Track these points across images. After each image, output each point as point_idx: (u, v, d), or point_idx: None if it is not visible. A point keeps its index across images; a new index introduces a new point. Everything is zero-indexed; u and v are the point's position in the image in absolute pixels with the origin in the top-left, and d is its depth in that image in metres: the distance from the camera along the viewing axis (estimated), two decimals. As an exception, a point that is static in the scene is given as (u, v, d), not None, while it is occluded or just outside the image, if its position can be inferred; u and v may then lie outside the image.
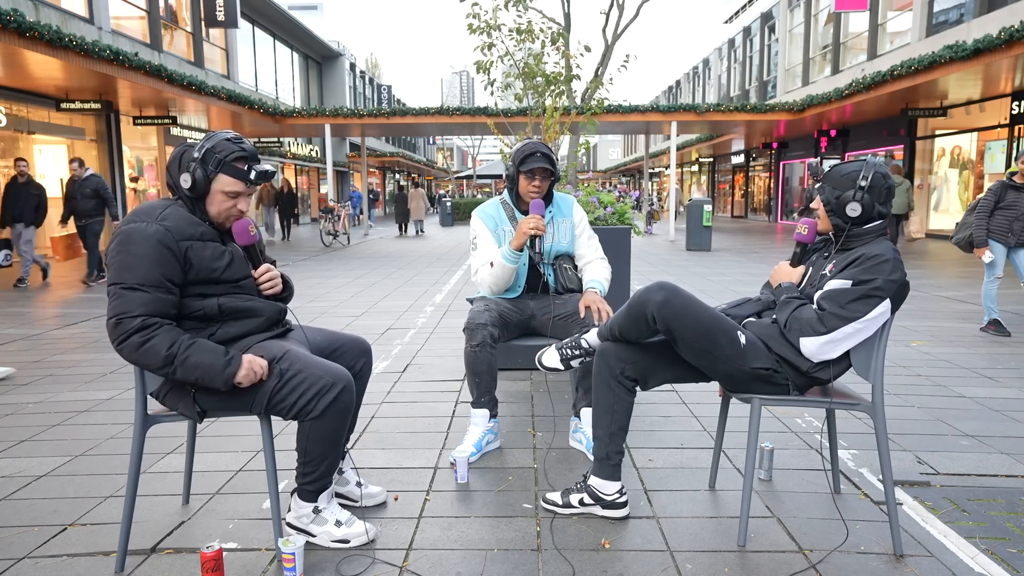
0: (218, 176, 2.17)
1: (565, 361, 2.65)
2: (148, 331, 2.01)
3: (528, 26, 6.69)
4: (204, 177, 2.15)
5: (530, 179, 3.17)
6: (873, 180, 2.27)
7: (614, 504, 2.51)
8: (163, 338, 2.02)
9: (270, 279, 2.34)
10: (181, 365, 2.03)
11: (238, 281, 2.23)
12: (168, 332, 2.04)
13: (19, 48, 9.78)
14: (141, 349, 2.01)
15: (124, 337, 2.01)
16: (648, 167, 25.87)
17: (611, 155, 76.35)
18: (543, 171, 3.15)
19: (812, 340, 2.26)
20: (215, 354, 2.07)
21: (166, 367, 2.04)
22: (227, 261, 2.20)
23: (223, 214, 2.23)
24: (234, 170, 2.17)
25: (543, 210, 3.12)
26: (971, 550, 2.31)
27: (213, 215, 2.22)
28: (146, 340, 2.01)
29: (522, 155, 3.16)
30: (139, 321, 2.01)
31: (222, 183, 2.18)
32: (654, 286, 2.32)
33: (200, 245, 2.15)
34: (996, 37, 10.88)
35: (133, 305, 2.01)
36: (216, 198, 2.19)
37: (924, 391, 4.18)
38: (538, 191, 3.19)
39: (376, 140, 37.33)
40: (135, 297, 2.02)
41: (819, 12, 23.19)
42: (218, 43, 20.95)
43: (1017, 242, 5.72)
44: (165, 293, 2.06)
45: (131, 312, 2.01)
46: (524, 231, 3.02)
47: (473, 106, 19.93)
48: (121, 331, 2.01)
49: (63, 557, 2.29)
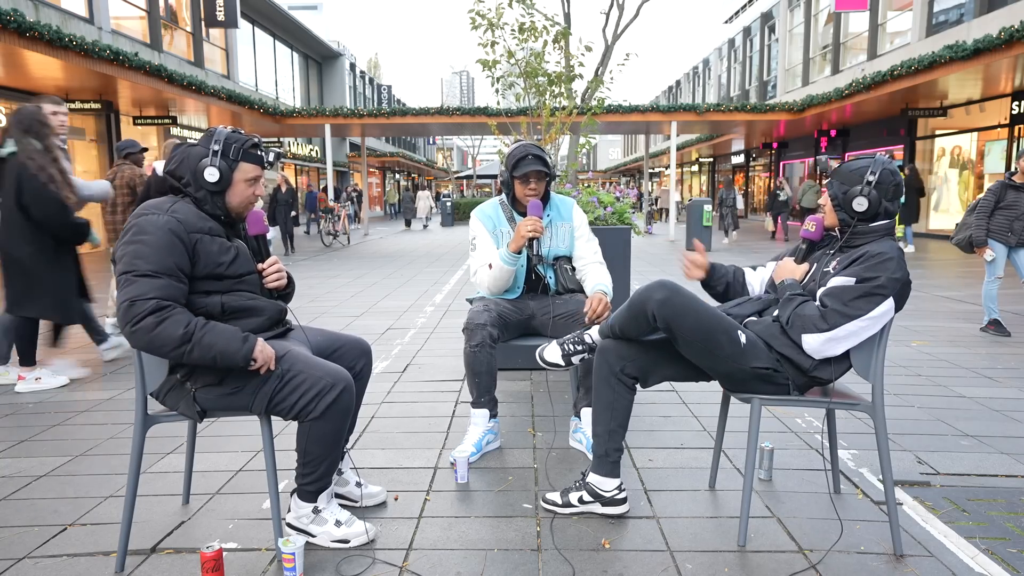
0: (240, 165, 2.22)
1: (566, 357, 2.65)
2: (162, 312, 2.00)
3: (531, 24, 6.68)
4: (228, 167, 2.19)
5: (524, 183, 3.17)
6: (881, 176, 2.27)
7: (613, 500, 2.51)
8: (177, 319, 2.02)
9: (276, 271, 2.36)
10: (198, 344, 2.02)
11: (242, 277, 2.23)
12: (182, 314, 2.04)
13: (19, 48, 9.78)
14: (156, 330, 2.00)
15: (138, 319, 1.99)
16: (648, 167, 25.86)
17: (611, 155, 76.37)
18: (536, 173, 3.14)
19: (814, 337, 2.26)
20: (231, 332, 2.08)
21: (182, 346, 2.02)
22: (232, 256, 2.21)
23: (244, 202, 2.27)
24: (253, 156, 2.24)
25: (541, 211, 3.11)
26: (971, 550, 2.31)
27: (234, 205, 2.25)
28: (161, 321, 2.00)
29: (514, 159, 3.14)
30: (153, 303, 2.00)
31: (244, 171, 2.23)
32: (655, 284, 2.32)
33: (208, 239, 2.16)
34: (996, 37, 10.88)
35: (146, 288, 2.01)
36: (238, 187, 2.24)
37: (924, 391, 4.18)
38: (534, 193, 3.18)
39: (376, 140, 37.35)
40: (147, 282, 2.02)
41: (819, 12, 23.19)
42: (218, 43, 20.95)
43: (1018, 242, 5.72)
44: (177, 282, 2.07)
45: (144, 295, 2.00)
46: (522, 234, 3.02)
47: (473, 106, 19.93)
48: (134, 313, 1.99)
49: (63, 557, 2.29)
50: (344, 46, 34.48)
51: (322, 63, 33.11)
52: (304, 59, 30.51)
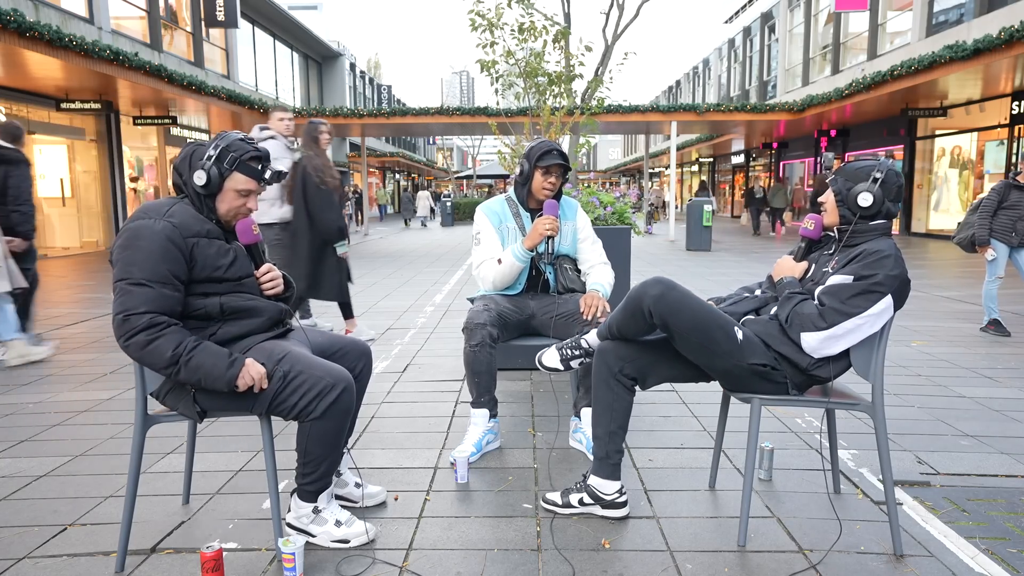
0: (233, 174, 2.19)
1: (565, 361, 2.65)
2: (155, 330, 2.01)
3: (530, 24, 6.68)
4: (219, 175, 2.17)
5: (546, 175, 3.21)
6: (887, 176, 2.29)
7: (614, 504, 2.51)
8: (170, 339, 2.03)
9: (271, 279, 2.35)
10: (185, 366, 2.04)
11: (240, 280, 2.23)
12: (175, 333, 2.05)
13: (19, 48, 9.78)
14: (147, 348, 2.02)
15: (131, 334, 2.01)
16: (648, 167, 25.87)
17: (611, 155, 76.37)
18: (560, 168, 3.20)
19: (813, 335, 2.26)
20: (218, 356, 2.08)
21: (170, 367, 2.04)
22: (231, 259, 2.21)
23: (232, 211, 2.24)
24: (249, 169, 2.21)
25: (557, 211, 3.15)
26: (971, 550, 2.31)
27: (222, 213, 2.23)
28: (153, 339, 2.01)
29: (539, 152, 3.20)
30: (147, 319, 2.01)
31: (236, 181, 2.20)
32: (650, 281, 2.33)
33: (206, 243, 2.16)
34: (996, 37, 10.88)
35: (139, 301, 2.01)
36: (228, 196, 2.22)
37: (924, 391, 4.18)
38: (552, 188, 3.24)
39: (376, 140, 37.32)
40: (141, 293, 2.02)
41: (819, 12, 23.19)
42: (218, 43, 20.94)
43: (1020, 242, 5.72)
44: (172, 290, 2.07)
45: (138, 309, 2.01)
46: (540, 232, 3.07)
47: (473, 106, 19.93)
48: (128, 328, 2.01)
49: (63, 557, 2.29)
50: (344, 46, 34.45)
51: (322, 63, 33.10)
52: (304, 59, 30.50)
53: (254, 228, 2.32)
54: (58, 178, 15.14)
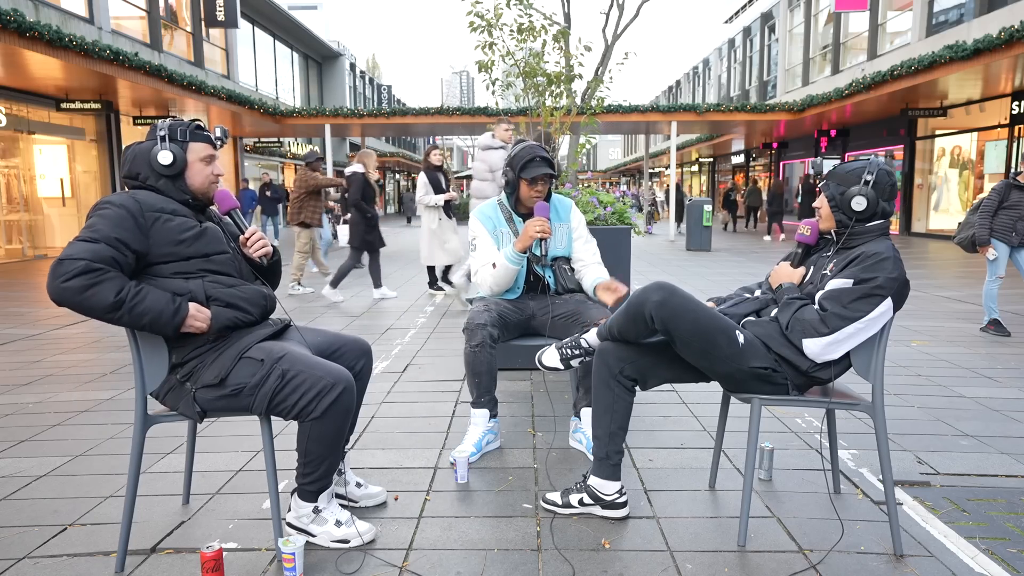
0: (190, 144, 2.27)
1: (565, 361, 2.65)
2: (94, 275, 2.00)
3: (529, 24, 6.67)
4: (180, 149, 2.24)
5: (532, 185, 3.16)
6: (878, 176, 2.28)
7: (614, 504, 2.51)
8: (111, 284, 2.02)
9: (259, 239, 2.38)
10: (129, 312, 2.04)
11: (209, 256, 2.23)
12: (117, 279, 2.04)
13: (19, 48, 9.78)
14: (86, 293, 1.99)
15: (66, 278, 1.98)
16: (648, 167, 25.88)
17: (611, 155, 76.34)
18: (544, 177, 3.15)
19: (816, 341, 2.26)
20: (164, 301, 2.09)
21: (113, 312, 2.03)
22: (195, 234, 2.21)
23: (206, 182, 2.30)
24: (200, 136, 2.30)
25: (548, 212, 3.12)
26: (971, 550, 2.31)
27: (197, 186, 2.29)
28: (92, 284, 1.99)
29: (522, 161, 3.13)
30: (83, 264, 1.99)
31: (195, 151, 2.28)
32: (652, 286, 2.33)
33: (167, 218, 2.18)
34: (996, 37, 10.88)
35: (80, 250, 2.01)
36: (195, 167, 2.28)
37: (924, 391, 4.18)
38: (540, 195, 3.19)
39: (376, 140, 37.32)
40: (85, 246, 2.03)
41: (819, 12, 23.19)
42: (218, 43, 20.95)
43: (1020, 242, 5.72)
44: (118, 254, 2.06)
45: (75, 255, 2.00)
46: (531, 234, 3.02)
47: (473, 106, 19.95)
48: (61, 271, 1.98)
49: (63, 557, 2.29)
50: (344, 46, 34.45)
51: (322, 63, 33.10)
52: (304, 59, 30.50)
53: (231, 194, 2.41)
54: (58, 178, 15.14)
